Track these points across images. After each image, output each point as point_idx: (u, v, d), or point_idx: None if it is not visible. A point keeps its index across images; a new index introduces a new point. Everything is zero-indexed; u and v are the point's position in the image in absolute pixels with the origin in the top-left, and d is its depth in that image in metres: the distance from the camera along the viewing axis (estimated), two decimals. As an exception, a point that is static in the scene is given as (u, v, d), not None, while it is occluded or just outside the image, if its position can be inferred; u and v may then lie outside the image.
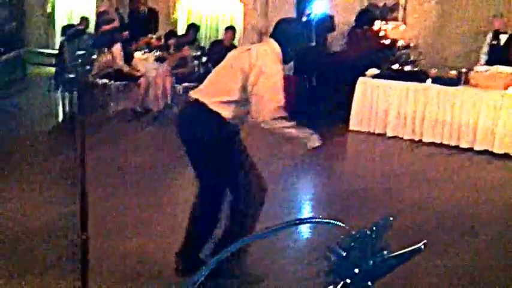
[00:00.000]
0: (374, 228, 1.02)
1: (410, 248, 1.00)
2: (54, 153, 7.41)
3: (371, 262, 1.00)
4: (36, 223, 4.41)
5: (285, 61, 3.47)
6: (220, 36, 11.28)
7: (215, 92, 3.37)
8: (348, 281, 1.01)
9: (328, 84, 10.08)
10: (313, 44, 10.62)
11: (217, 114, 3.31)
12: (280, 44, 3.43)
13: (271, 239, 4.28)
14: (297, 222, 1.07)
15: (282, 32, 3.50)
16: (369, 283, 1.02)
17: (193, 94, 3.48)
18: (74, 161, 2.70)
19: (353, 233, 1.02)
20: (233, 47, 9.14)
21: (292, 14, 10.71)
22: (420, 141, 8.19)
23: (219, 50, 9.44)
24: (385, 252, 1.01)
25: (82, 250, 2.59)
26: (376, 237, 1.01)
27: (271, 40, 3.47)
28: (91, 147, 2.35)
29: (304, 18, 10.58)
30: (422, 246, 1.00)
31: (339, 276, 1.02)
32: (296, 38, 3.52)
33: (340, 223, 1.03)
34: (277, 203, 5.26)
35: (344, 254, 1.02)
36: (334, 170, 7.01)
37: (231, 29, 10.30)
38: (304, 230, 4.58)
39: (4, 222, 4.41)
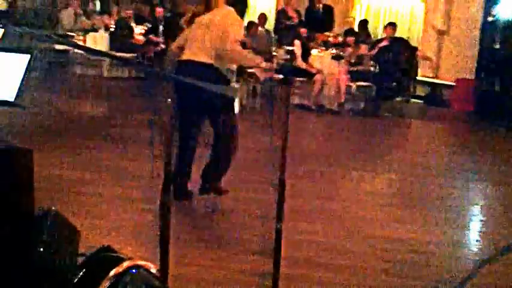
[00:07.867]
0: None
1: None
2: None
3: None
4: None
5: None
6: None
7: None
8: None
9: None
10: (498, 46, 10.10)
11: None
12: None
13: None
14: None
15: None
16: None
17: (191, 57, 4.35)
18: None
19: None
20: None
21: (479, 14, 10.25)
22: None
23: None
24: None
25: (276, 238, 2.80)
26: None
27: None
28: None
29: (490, 19, 10.11)
30: None
31: None
32: None
33: None
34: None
35: None
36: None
37: (390, 25, 10.06)
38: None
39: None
